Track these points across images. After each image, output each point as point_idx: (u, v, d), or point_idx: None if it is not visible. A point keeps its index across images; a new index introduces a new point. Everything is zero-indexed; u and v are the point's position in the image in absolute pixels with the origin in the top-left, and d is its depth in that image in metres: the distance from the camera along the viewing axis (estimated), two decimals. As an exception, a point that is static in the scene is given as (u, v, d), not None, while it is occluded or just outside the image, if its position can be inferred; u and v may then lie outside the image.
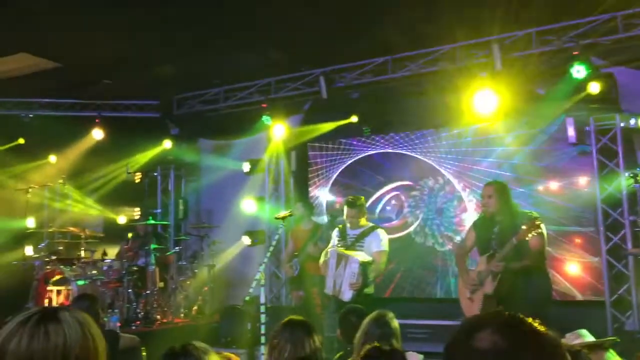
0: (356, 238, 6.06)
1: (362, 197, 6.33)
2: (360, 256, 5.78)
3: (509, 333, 1.23)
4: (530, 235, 4.83)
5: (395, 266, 8.34)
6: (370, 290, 5.91)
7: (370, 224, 6.23)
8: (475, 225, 5.68)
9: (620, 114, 7.14)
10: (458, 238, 7.90)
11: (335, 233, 6.30)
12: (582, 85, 6.82)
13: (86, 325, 1.68)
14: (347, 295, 5.77)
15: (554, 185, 7.58)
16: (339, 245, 6.10)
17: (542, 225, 4.92)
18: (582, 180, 7.43)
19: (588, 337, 2.85)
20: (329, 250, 6.13)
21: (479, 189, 8.05)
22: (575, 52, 6.77)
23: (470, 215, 7.99)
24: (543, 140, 7.72)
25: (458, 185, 8.28)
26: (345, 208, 6.15)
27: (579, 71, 6.74)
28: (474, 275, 5.33)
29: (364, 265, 5.72)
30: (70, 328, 1.63)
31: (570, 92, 6.99)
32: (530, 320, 1.27)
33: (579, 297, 7.35)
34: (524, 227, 4.85)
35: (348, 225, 6.17)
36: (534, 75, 7.38)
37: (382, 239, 6.01)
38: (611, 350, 2.60)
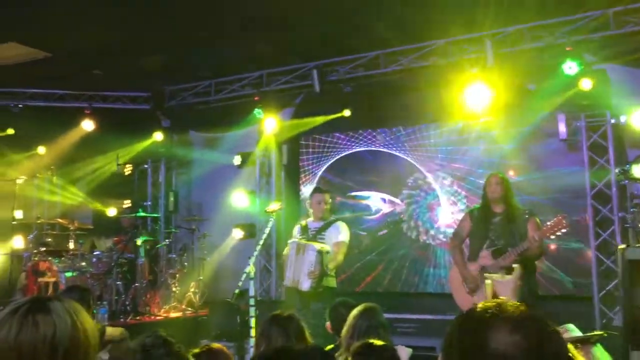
0: (317, 231, 6.08)
1: (327, 190, 6.43)
2: (318, 245, 5.79)
3: (529, 332, 1.17)
4: (558, 233, 4.79)
5: (376, 257, 8.42)
6: (332, 283, 5.91)
7: (332, 217, 6.25)
8: (471, 213, 5.60)
9: (611, 111, 7.16)
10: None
11: (296, 229, 6.31)
12: (573, 81, 6.84)
13: (77, 316, 1.65)
14: (305, 284, 5.76)
15: (543, 181, 7.58)
16: (302, 237, 6.09)
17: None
18: (572, 176, 7.43)
19: (575, 332, 2.86)
20: (289, 242, 6.13)
21: (467, 184, 8.10)
22: (567, 48, 6.78)
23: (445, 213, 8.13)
24: (533, 136, 7.74)
25: (443, 182, 8.31)
26: (314, 194, 6.21)
27: (570, 67, 6.76)
28: (475, 270, 5.24)
29: (321, 254, 5.73)
30: (60, 319, 1.61)
31: (562, 88, 7.00)
32: (538, 315, 1.21)
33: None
34: (549, 223, 4.81)
35: (311, 218, 6.20)
36: (525, 71, 7.39)
37: (341, 231, 6.05)
38: (598, 345, 2.60)
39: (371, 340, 2.98)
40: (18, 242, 8.66)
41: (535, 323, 1.19)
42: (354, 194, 8.89)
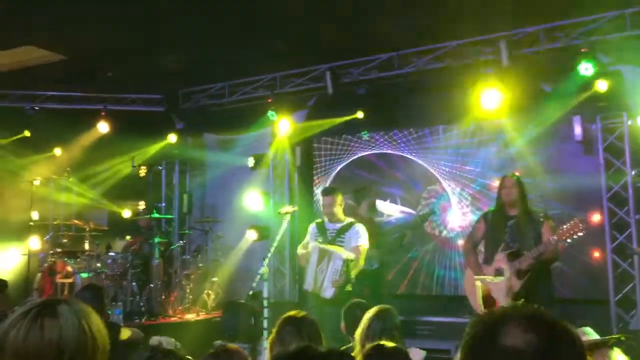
0: (336, 233, 5.96)
1: (338, 189, 6.33)
2: (344, 253, 5.70)
3: (543, 330, 1.17)
4: (575, 236, 4.72)
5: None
6: (350, 287, 5.79)
7: (350, 219, 6.11)
8: (486, 217, 5.54)
9: (628, 112, 7.10)
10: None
11: (312, 228, 6.18)
12: (589, 82, 6.79)
13: (85, 319, 1.65)
14: (328, 292, 5.68)
15: (558, 183, 7.51)
16: (319, 240, 5.99)
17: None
18: (588, 179, 7.35)
19: (593, 335, 2.83)
20: (310, 245, 6.00)
21: (479, 187, 8.07)
22: (583, 50, 6.73)
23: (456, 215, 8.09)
24: (549, 138, 7.68)
25: (455, 184, 8.28)
26: (321, 197, 6.11)
27: (586, 69, 6.70)
28: (490, 273, 5.17)
29: (347, 262, 5.65)
30: (66, 322, 1.61)
31: (577, 89, 6.96)
32: (552, 315, 1.21)
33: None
34: (565, 226, 4.75)
35: (326, 218, 6.09)
36: (540, 73, 7.34)
37: (361, 235, 5.91)
38: (615, 348, 2.58)
39: (383, 342, 2.96)
40: (34, 242, 8.73)
41: (548, 322, 1.19)
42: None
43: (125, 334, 4.71)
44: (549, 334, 1.16)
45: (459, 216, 8.21)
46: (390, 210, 8.67)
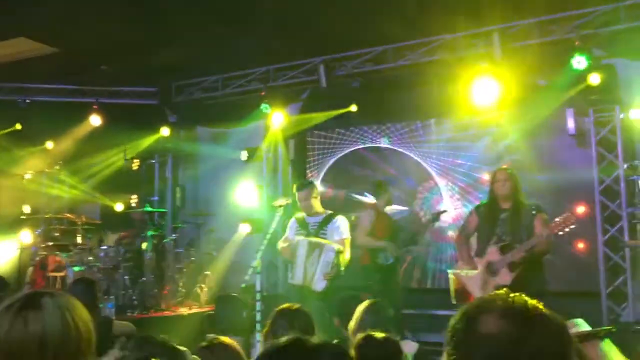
0: (319, 226, 5.92)
1: (312, 181, 6.30)
2: (336, 245, 5.69)
3: (516, 318, 1.20)
4: (567, 229, 4.73)
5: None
6: (337, 280, 5.80)
7: (329, 211, 6.07)
8: (478, 209, 5.53)
9: (620, 106, 7.12)
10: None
11: (292, 222, 6.13)
12: (582, 76, 6.80)
13: (70, 312, 1.64)
14: (320, 285, 5.66)
15: (551, 176, 7.53)
16: (302, 234, 5.93)
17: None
18: (581, 172, 7.37)
19: (584, 327, 2.84)
20: (297, 239, 5.92)
21: (472, 180, 8.08)
22: (576, 43, 6.73)
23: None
24: (542, 132, 7.69)
25: (447, 178, 8.29)
26: (296, 193, 6.04)
27: (579, 62, 6.71)
28: (482, 265, 5.19)
29: (338, 254, 5.66)
30: (50, 316, 1.60)
31: (570, 83, 6.96)
32: (535, 303, 1.23)
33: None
34: (557, 219, 4.76)
35: (304, 213, 6.03)
36: (534, 66, 7.34)
37: (344, 226, 5.90)
38: (607, 340, 2.58)
39: (373, 333, 2.96)
40: (26, 236, 8.69)
41: (522, 309, 1.22)
42: (354, 195, 8.85)
43: (118, 328, 4.71)
44: (522, 320, 1.19)
45: (451, 209, 8.21)
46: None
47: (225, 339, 2.85)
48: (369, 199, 7.02)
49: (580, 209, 7.23)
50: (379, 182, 7.14)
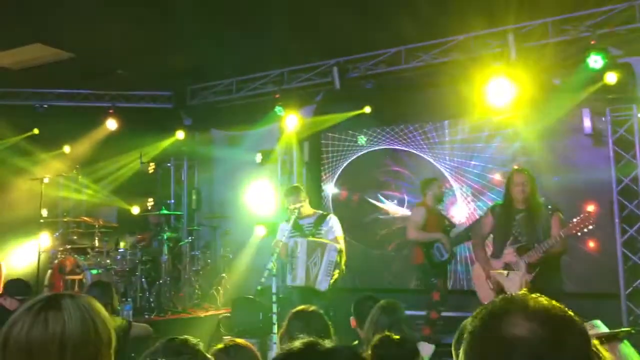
0: (313, 226, 5.98)
1: (298, 186, 6.39)
2: (337, 244, 5.75)
3: (548, 319, 1.15)
4: (585, 230, 4.69)
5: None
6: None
7: (319, 211, 6.18)
8: (493, 211, 5.50)
9: (638, 105, 7.04)
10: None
11: (283, 226, 6.15)
12: (598, 75, 6.73)
13: (89, 313, 1.66)
14: (324, 284, 5.70)
15: (568, 176, 7.47)
16: (296, 235, 5.96)
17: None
18: (598, 172, 7.30)
19: (602, 328, 2.81)
20: (296, 240, 5.92)
21: (486, 181, 8.03)
22: (592, 42, 6.67)
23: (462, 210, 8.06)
24: (558, 132, 7.63)
25: (461, 179, 8.25)
26: (287, 198, 6.10)
27: (595, 61, 6.64)
28: (499, 267, 5.15)
29: (340, 254, 5.72)
30: (70, 316, 1.62)
31: (587, 82, 6.90)
32: (557, 305, 1.19)
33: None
34: (575, 219, 4.72)
35: (295, 216, 6.00)
36: (549, 66, 7.30)
37: (337, 225, 5.99)
38: (625, 342, 2.56)
39: (390, 334, 2.96)
40: (44, 240, 8.78)
41: (552, 311, 1.17)
42: (368, 199, 8.87)
43: (135, 330, 4.74)
44: (554, 323, 1.15)
45: (465, 211, 8.17)
46: (393, 209, 8.68)
47: (242, 341, 2.86)
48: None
49: (590, 208, 7.16)
50: (426, 180, 7.11)
